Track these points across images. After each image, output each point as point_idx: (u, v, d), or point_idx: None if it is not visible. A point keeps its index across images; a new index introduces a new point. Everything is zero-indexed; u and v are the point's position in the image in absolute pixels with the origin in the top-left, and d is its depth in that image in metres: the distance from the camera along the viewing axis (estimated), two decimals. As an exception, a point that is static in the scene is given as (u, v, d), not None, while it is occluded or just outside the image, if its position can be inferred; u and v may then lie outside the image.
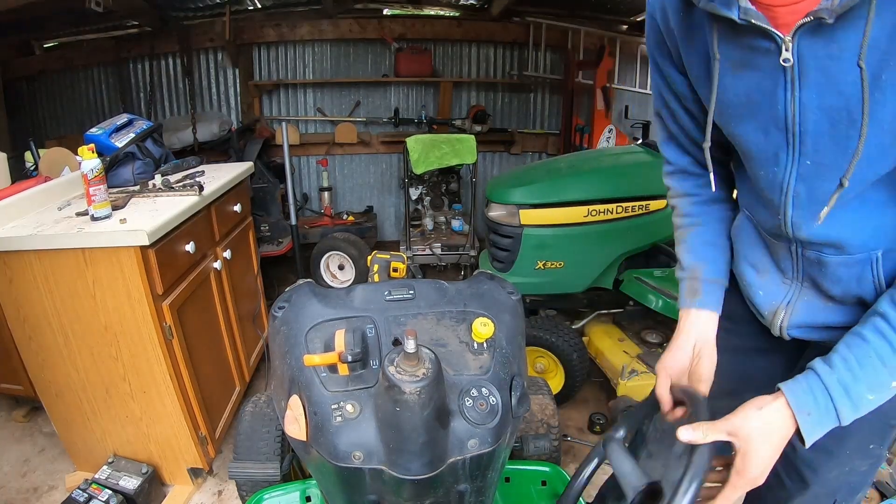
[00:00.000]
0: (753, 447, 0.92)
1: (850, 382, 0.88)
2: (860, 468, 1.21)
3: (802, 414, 0.90)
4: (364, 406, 1.00)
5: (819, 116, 0.87)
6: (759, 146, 0.99)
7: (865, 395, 0.88)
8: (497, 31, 5.35)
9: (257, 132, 4.97)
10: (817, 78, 0.84)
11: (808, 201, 0.97)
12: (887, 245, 0.98)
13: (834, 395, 0.89)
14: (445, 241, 4.70)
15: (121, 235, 1.96)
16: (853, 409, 0.89)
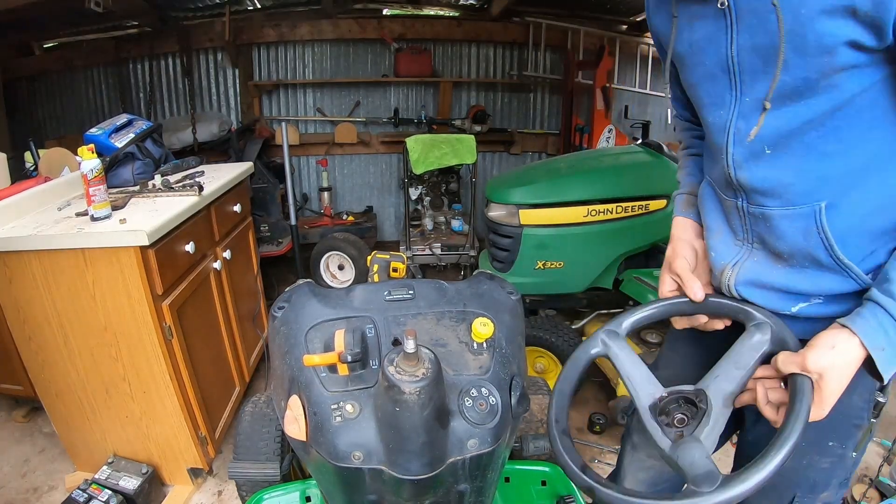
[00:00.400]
0: (826, 382, 0.91)
1: None
2: (819, 464, 1.20)
3: (877, 350, 0.89)
4: (364, 406, 1.00)
5: (753, 56, 0.95)
6: (709, 91, 1.07)
7: None
8: (497, 31, 5.35)
9: (257, 132, 4.97)
10: (749, 20, 0.93)
11: (746, 135, 1.02)
12: (832, 198, 0.98)
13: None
14: (445, 241, 4.70)
15: (120, 235, 1.96)
16: None
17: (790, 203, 1.01)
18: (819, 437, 1.16)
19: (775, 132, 0.98)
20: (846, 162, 0.96)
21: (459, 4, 5.42)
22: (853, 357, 0.90)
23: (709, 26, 1.00)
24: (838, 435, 1.17)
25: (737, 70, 0.99)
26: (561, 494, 1.61)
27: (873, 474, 2.48)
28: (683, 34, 1.08)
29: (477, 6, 5.39)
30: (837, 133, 0.94)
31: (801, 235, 1.01)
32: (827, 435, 1.17)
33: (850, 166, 0.96)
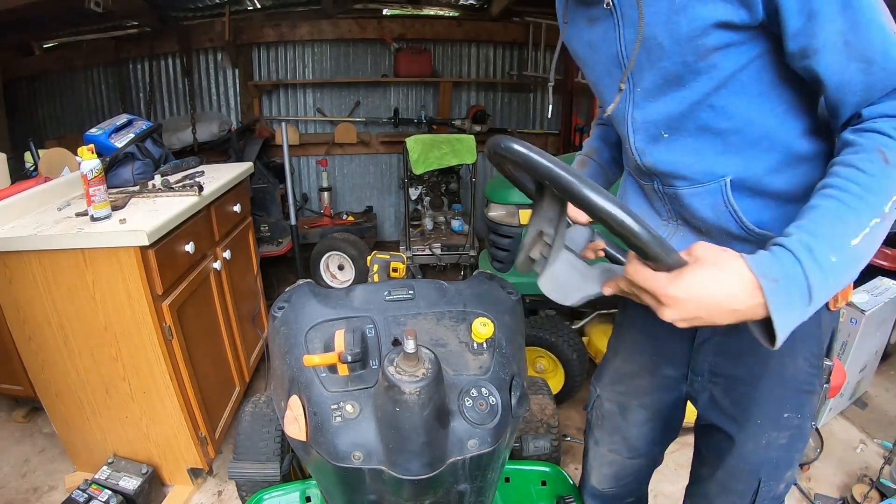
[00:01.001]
0: (696, 273, 0.79)
1: (811, 242, 0.78)
2: (779, 440, 1.19)
3: (768, 281, 0.76)
4: (364, 406, 1.00)
5: (639, 52, 0.98)
6: (607, 86, 1.11)
7: (829, 257, 0.77)
8: (497, 32, 5.35)
9: (257, 132, 4.97)
10: (631, 15, 0.97)
11: (644, 124, 1.07)
12: (735, 172, 1.01)
13: (800, 255, 0.77)
14: (445, 241, 4.69)
15: (120, 236, 1.96)
16: (821, 273, 0.77)
17: (696, 182, 1.05)
18: (775, 410, 1.17)
19: (668, 116, 1.02)
20: (740, 137, 0.99)
21: (459, 4, 5.41)
22: (737, 281, 0.78)
23: (600, 26, 1.04)
24: (793, 405, 1.17)
25: (626, 64, 1.02)
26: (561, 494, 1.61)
27: (873, 475, 2.48)
28: (583, 36, 1.11)
29: (477, 6, 5.39)
30: (726, 110, 0.97)
31: (711, 211, 1.05)
32: (782, 406, 1.17)
33: (745, 140, 0.99)
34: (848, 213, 0.79)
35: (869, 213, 0.79)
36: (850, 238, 0.78)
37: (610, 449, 1.51)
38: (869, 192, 0.79)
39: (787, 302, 0.77)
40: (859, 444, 2.76)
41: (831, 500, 2.44)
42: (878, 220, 0.79)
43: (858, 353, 2.76)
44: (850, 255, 0.79)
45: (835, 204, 0.80)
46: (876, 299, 2.74)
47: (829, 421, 2.91)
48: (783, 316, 0.77)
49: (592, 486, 1.60)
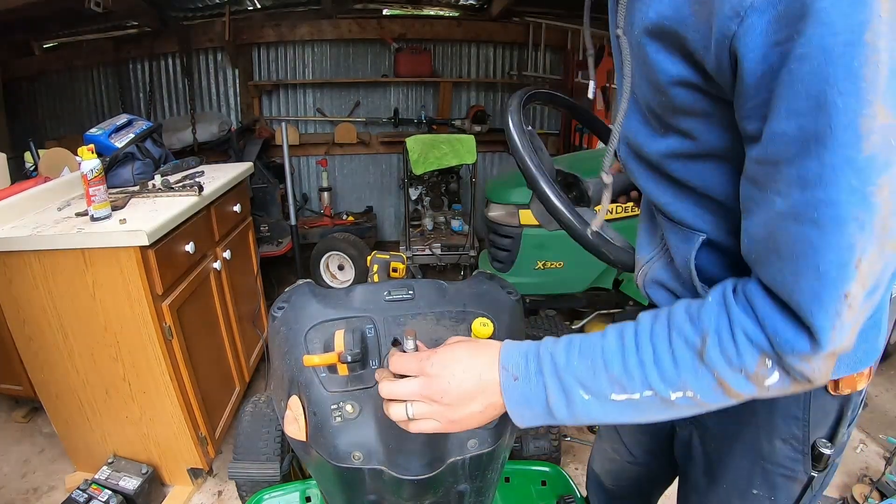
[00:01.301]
0: (444, 357, 0.78)
1: (563, 365, 0.73)
2: None
3: (506, 373, 0.75)
4: (364, 406, 1.00)
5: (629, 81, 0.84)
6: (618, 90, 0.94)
7: (578, 391, 0.71)
8: (496, 32, 5.35)
9: (257, 132, 4.97)
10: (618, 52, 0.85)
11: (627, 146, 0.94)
12: (711, 234, 0.86)
13: (544, 368, 0.74)
14: (445, 241, 4.70)
15: (120, 236, 1.96)
16: (564, 399, 0.72)
17: (675, 222, 0.91)
18: (743, 482, 1.05)
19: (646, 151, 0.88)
20: (713, 202, 0.84)
21: (459, 4, 5.42)
22: (484, 362, 0.77)
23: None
24: (763, 484, 1.03)
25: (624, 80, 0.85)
26: (561, 494, 1.61)
27: (874, 475, 2.48)
28: None
29: (477, 6, 5.39)
30: (700, 175, 0.82)
31: (681, 255, 0.90)
32: (750, 482, 1.04)
33: (720, 208, 0.83)
34: (617, 368, 0.71)
35: (640, 384, 0.69)
36: (609, 392, 0.71)
37: (612, 448, 1.49)
38: (655, 369, 0.69)
39: (522, 405, 0.75)
40: (859, 444, 2.76)
41: (831, 500, 2.44)
42: (653, 395, 0.69)
43: (858, 353, 2.75)
44: (606, 405, 0.72)
45: (615, 350, 0.72)
46: (876, 299, 2.74)
47: (829, 421, 2.90)
48: (516, 413, 0.75)
49: (596, 474, 1.59)
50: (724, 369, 0.65)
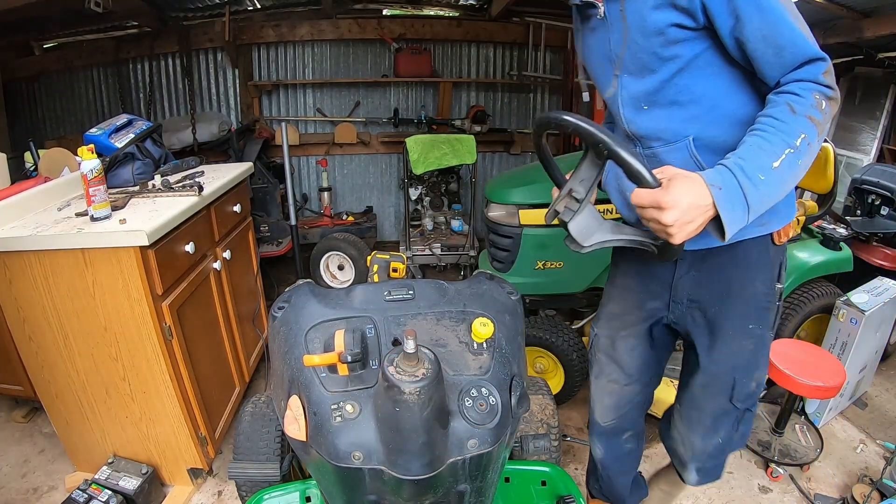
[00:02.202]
0: (680, 189, 1.13)
1: (742, 164, 1.15)
2: (747, 347, 1.58)
3: (714, 188, 1.13)
4: (364, 406, 1.00)
5: (624, 47, 1.38)
6: (604, 76, 1.51)
7: (757, 174, 1.13)
8: (496, 32, 5.35)
9: (257, 132, 4.97)
10: (617, 24, 1.37)
11: (629, 99, 1.46)
12: (696, 132, 1.38)
13: (735, 172, 1.14)
14: (445, 241, 4.70)
15: (120, 236, 1.96)
16: (752, 185, 1.13)
17: (668, 142, 1.43)
18: (741, 323, 1.57)
19: (645, 93, 1.41)
20: (698, 106, 1.37)
21: (459, 4, 5.42)
22: (698, 185, 1.14)
23: (598, 32, 1.45)
24: (755, 318, 1.57)
25: (615, 59, 1.43)
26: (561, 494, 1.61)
27: (874, 475, 2.49)
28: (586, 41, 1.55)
29: (476, 6, 5.39)
30: (687, 88, 1.35)
31: (681, 164, 1.32)
32: (746, 320, 1.57)
33: (701, 108, 1.37)
34: (766, 144, 1.16)
35: (782, 145, 1.15)
36: (771, 161, 1.14)
37: (608, 379, 1.88)
38: (780, 131, 1.15)
39: (729, 204, 1.13)
40: (859, 445, 2.77)
41: (831, 500, 2.44)
42: (790, 150, 1.14)
43: (858, 352, 2.76)
44: (773, 175, 1.15)
45: (757, 139, 1.17)
46: (876, 299, 2.74)
47: (829, 421, 2.91)
48: (727, 214, 1.14)
49: (596, 422, 1.97)
50: (805, 110, 1.16)
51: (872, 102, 4.71)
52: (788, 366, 2.40)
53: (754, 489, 2.52)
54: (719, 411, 1.68)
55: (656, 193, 1.12)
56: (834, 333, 2.80)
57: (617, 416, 1.91)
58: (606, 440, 1.99)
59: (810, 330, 3.13)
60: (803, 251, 2.98)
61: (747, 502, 2.46)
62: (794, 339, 2.82)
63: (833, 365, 2.45)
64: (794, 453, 2.63)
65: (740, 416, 1.69)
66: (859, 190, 3.63)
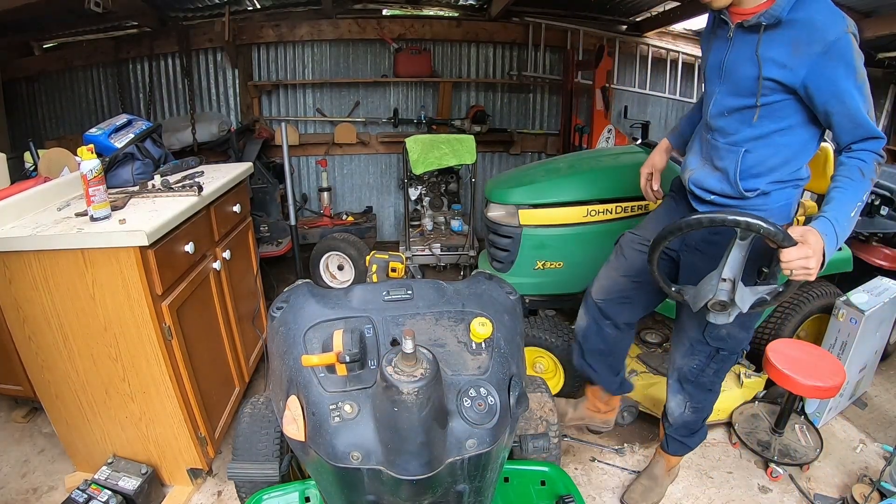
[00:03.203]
0: (814, 239, 1.57)
1: (835, 216, 1.63)
2: (739, 335, 2.10)
3: (826, 236, 1.58)
4: (362, 406, 1.00)
5: (734, 66, 1.83)
6: (712, 81, 1.95)
7: (843, 223, 1.63)
8: (496, 32, 5.35)
9: (256, 132, 4.97)
10: (739, 47, 1.81)
11: (720, 102, 1.90)
12: (749, 147, 1.87)
13: (834, 223, 1.61)
14: (445, 241, 4.70)
15: (120, 236, 1.96)
16: (842, 230, 1.62)
17: (730, 143, 1.90)
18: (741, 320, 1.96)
19: (730, 108, 1.87)
20: (759, 132, 1.84)
21: (459, 5, 5.42)
22: (817, 236, 1.58)
23: (719, 46, 1.89)
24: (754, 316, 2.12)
25: (724, 71, 1.88)
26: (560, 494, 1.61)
27: (873, 475, 2.49)
28: (710, 51, 1.97)
29: (476, 6, 5.39)
30: (761, 120, 1.81)
31: (730, 160, 1.91)
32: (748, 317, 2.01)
33: (760, 134, 1.84)
34: (847, 200, 1.66)
35: (855, 200, 1.66)
36: (850, 212, 1.65)
37: (613, 267, 2.32)
38: (855, 190, 1.67)
39: (830, 244, 1.59)
40: (859, 445, 2.77)
41: (831, 500, 2.44)
42: (860, 204, 1.66)
43: (858, 352, 2.76)
44: (850, 221, 1.65)
45: (840, 195, 1.67)
46: (875, 299, 2.74)
47: (828, 421, 2.91)
48: (829, 250, 1.59)
49: (590, 293, 2.38)
50: (869, 173, 1.69)
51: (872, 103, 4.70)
52: (788, 366, 2.40)
53: (754, 489, 2.52)
54: (694, 339, 2.16)
55: (802, 249, 1.55)
56: (834, 333, 2.80)
57: (606, 298, 2.31)
58: (591, 315, 2.39)
59: (810, 330, 3.13)
60: (803, 251, 2.98)
61: (747, 502, 2.46)
62: (793, 339, 2.82)
63: (833, 365, 2.44)
64: (794, 453, 2.63)
65: (713, 353, 2.16)
66: (859, 190, 3.63)
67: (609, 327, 2.35)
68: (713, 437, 2.82)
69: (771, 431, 2.71)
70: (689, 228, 1.71)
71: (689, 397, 2.28)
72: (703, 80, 2.05)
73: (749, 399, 2.92)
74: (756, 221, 1.57)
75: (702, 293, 1.81)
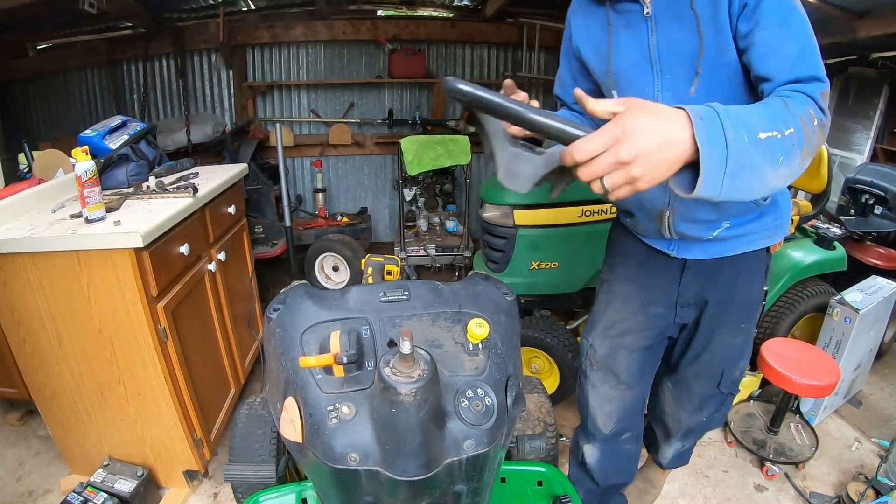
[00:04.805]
0: (640, 106, 0.90)
1: (729, 110, 0.93)
2: (736, 342, 1.79)
3: (696, 117, 0.89)
4: (359, 407, 1.00)
5: (668, 48, 1.38)
6: (637, 76, 1.45)
7: (742, 132, 0.92)
8: (491, 32, 5.35)
9: (251, 134, 4.96)
10: (665, 23, 1.36)
11: (673, 99, 1.32)
12: None
13: (720, 113, 0.91)
14: (440, 242, 4.70)
15: (115, 237, 1.96)
16: (734, 130, 0.91)
17: None
18: (737, 322, 1.74)
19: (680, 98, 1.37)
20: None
21: (453, 5, 5.42)
22: (672, 113, 0.90)
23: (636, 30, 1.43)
24: (747, 317, 1.77)
25: (656, 59, 1.41)
26: (557, 495, 1.61)
27: (869, 473, 2.50)
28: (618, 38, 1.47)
29: (471, 7, 5.39)
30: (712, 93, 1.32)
31: None
32: (741, 319, 1.75)
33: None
34: (757, 115, 0.98)
35: (772, 125, 0.98)
36: (758, 130, 0.96)
37: (610, 386, 1.89)
38: (774, 116, 1.01)
39: (710, 140, 0.88)
40: (854, 443, 2.78)
41: (827, 498, 2.45)
42: (777, 135, 0.98)
43: (853, 351, 2.77)
44: (755, 146, 0.94)
45: (751, 108, 1.01)
46: (870, 298, 2.75)
47: (824, 419, 2.92)
48: (708, 154, 0.88)
49: (598, 429, 1.97)
50: (799, 111, 1.05)
51: (866, 102, 4.74)
52: (783, 365, 2.40)
53: (750, 488, 2.53)
54: (707, 395, 1.91)
55: (610, 126, 0.88)
56: (828, 332, 2.81)
57: (619, 423, 1.94)
58: (606, 444, 2.00)
59: (805, 329, 3.14)
60: (797, 250, 3.00)
61: (743, 501, 2.47)
62: (788, 339, 2.84)
63: (828, 364, 2.45)
64: (790, 452, 2.64)
65: (724, 399, 1.94)
66: (853, 189, 3.65)
67: (630, 440, 2.02)
68: (709, 437, 2.83)
69: (766, 430, 2.72)
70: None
71: (692, 440, 2.17)
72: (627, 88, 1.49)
73: (744, 398, 2.93)
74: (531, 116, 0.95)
75: None
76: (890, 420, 2.94)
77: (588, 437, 2.03)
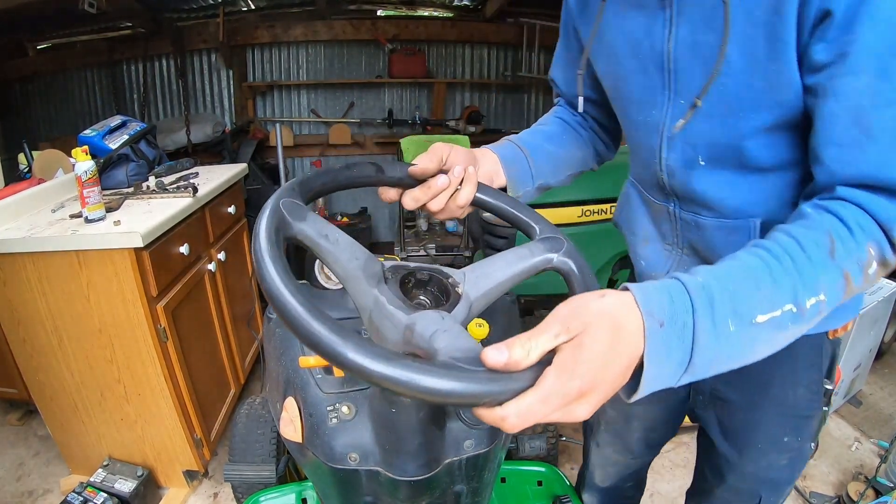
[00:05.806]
0: (591, 334, 0.59)
1: (715, 291, 0.64)
2: (779, 462, 1.20)
3: (652, 319, 0.61)
4: (360, 407, 1.00)
5: (691, 54, 0.86)
6: (640, 87, 0.98)
7: (727, 320, 0.63)
8: (491, 32, 5.36)
9: (251, 133, 4.96)
10: (692, 14, 0.84)
11: (681, 143, 0.96)
12: (766, 215, 0.92)
13: (696, 302, 0.63)
14: (440, 241, 4.69)
15: (115, 237, 1.96)
16: (712, 336, 0.63)
17: (724, 216, 0.98)
18: (775, 435, 1.17)
19: (712, 142, 0.91)
20: (782, 178, 0.90)
21: (453, 5, 5.42)
22: (624, 312, 0.61)
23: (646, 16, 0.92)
24: (792, 430, 1.16)
25: (672, 68, 0.91)
26: (557, 494, 1.61)
27: (868, 472, 2.50)
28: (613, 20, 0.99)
29: (471, 7, 5.39)
30: (776, 149, 0.87)
31: (734, 248, 0.76)
32: (782, 431, 1.16)
33: (786, 182, 0.90)
34: (767, 282, 0.66)
35: (788, 295, 0.66)
36: (756, 313, 0.65)
37: (614, 450, 1.54)
38: (798, 275, 0.66)
39: (664, 354, 0.62)
40: (854, 442, 2.78)
41: (827, 498, 2.45)
42: (792, 309, 0.66)
43: (853, 351, 2.77)
44: (748, 332, 0.65)
45: (759, 264, 0.68)
46: (869, 298, 2.75)
47: (823, 419, 2.92)
48: (654, 368, 0.61)
49: (596, 484, 1.65)
50: (848, 262, 0.68)
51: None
52: (783, 365, 2.40)
53: (749, 488, 2.53)
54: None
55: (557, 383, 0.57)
56: (828, 332, 2.81)
57: (619, 480, 1.63)
58: (605, 494, 1.69)
59: (804, 329, 3.14)
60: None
61: (743, 501, 2.46)
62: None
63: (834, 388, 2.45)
64: (789, 452, 2.64)
65: None
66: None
67: (630, 489, 1.71)
68: (709, 437, 2.82)
69: (766, 430, 2.71)
70: None
71: None
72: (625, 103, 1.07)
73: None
74: None
75: None
76: (890, 420, 2.94)
77: (586, 485, 1.71)
